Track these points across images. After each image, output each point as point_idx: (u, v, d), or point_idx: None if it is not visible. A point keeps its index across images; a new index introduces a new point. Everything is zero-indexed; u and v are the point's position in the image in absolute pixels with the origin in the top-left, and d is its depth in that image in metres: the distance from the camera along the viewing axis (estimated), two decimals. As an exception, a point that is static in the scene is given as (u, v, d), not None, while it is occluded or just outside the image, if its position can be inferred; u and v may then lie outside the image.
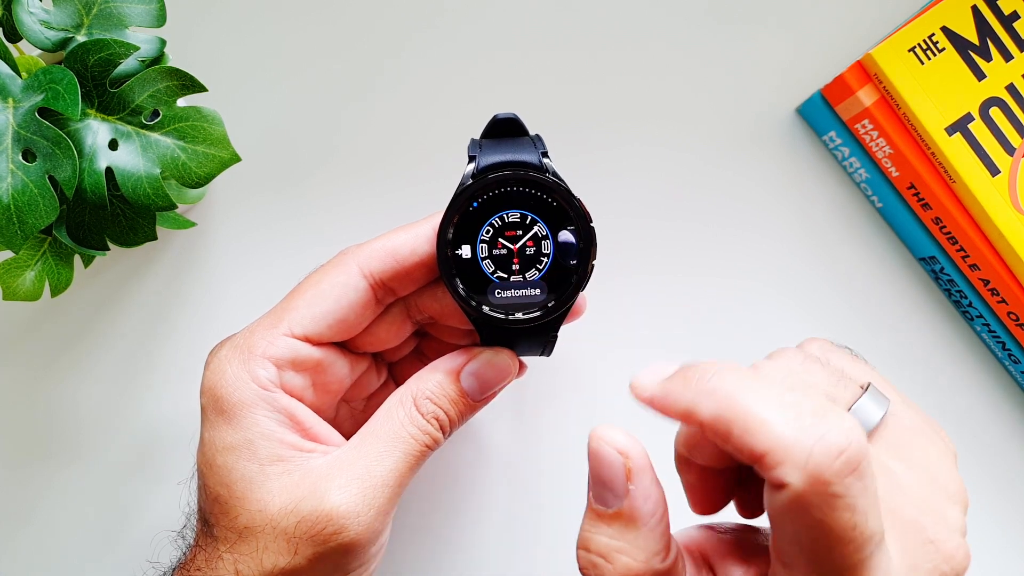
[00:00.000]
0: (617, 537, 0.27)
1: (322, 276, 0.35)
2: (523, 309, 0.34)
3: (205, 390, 0.34)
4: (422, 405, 0.34)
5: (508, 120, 0.34)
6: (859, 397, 0.28)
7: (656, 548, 0.27)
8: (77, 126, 0.34)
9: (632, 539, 0.26)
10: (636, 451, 0.27)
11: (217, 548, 0.32)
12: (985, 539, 0.47)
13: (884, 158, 0.45)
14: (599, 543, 0.27)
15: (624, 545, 0.26)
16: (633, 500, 0.27)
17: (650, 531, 0.27)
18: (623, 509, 0.27)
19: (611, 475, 0.27)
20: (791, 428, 0.23)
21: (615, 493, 0.27)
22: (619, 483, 0.27)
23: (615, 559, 0.26)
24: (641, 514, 0.27)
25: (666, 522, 0.27)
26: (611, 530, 0.27)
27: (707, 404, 0.25)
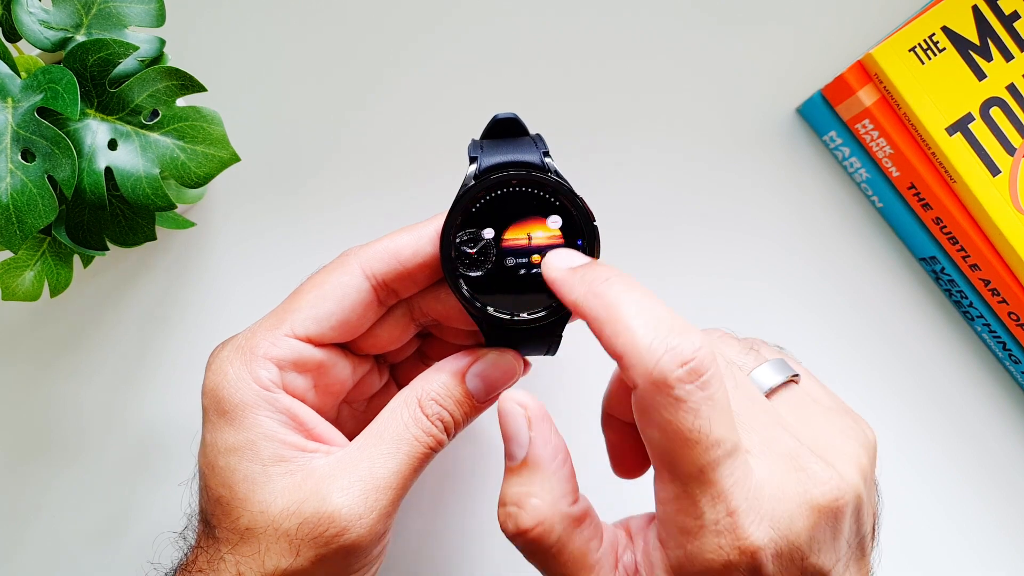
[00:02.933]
0: (525, 483, 0.29)
1: (325, 277, 0.35)
2: (528, 309, 0.34)
3: (207, 391, 0.34)
4: (427, 406, 0.34)
5: (508, 120, 0.34)
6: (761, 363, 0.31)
7: (562, 491, 0.29)
8: (76, 126, 0.34)
9: (539, 482, 0.29)
10: (533, 403, 0.30)
11: (219, 549, 0.32)
12: (985, 539, 0.47)
13: (884, 158, 0.45)
14: (511, 493, 0.29)
15: (532, 489, 0.29)
16: (534, 446, 0.29)
17: (554, 474, 0.29)
18: (528, 457, 0.29)
19: (515, 427, 0.30)
20: (649, 337, 0.27)
21: (520, 443, 0.30)
22: (522, 433, 0.30)
23: (525, 503, 0.29)
24: (543, 458, 0.29)
25: (569, 468, 0.30)
26: (520, 479, 0.29)
27: (591, 303, 0.29)
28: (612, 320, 0.28)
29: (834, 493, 0.27)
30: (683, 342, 0.27)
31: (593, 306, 0.29)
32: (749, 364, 0.31)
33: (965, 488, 0.47)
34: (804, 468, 0.28)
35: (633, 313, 0.28)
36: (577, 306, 0.29)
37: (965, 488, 0.47)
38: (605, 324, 0.28)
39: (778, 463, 0.28)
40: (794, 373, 0.31)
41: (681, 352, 0.26)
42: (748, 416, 0.28)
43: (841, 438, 0.30)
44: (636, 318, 0.27)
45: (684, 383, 0.26)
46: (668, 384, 0.26)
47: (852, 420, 0.31)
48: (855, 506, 0.28)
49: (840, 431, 0.30)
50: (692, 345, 0.27)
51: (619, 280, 0.29)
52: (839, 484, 0.28)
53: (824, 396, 0.32)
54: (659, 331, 0.27)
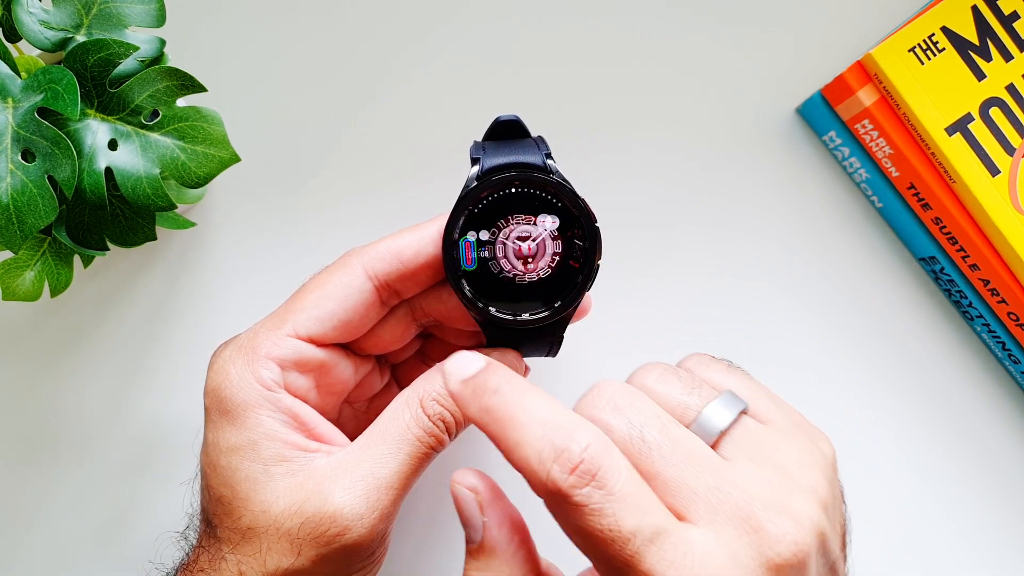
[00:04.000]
0: (483, 568, 0.29)
1: (327, 277, 0.35)
2: (529, 310, 0.34)
3: (209, 391, 0.34)
4: (428, 407, 0.34)
5: (510, 122, 0.34)
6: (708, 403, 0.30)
7: (520, 572, 0.29)
8: (76, 126, 0.34)
9: (497, 567, 0.29)
10: (483, 485, 0.30)
11: (220, 549, 0.32)
12: (985, 539, 0.47)
13: (884, 158, 0.45)
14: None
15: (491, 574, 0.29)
16: (488, 531, 0.29)
17: (511, 556, 0.29)
18: (483, 541, 0.29)
19: (468, 512, 0.30)
20: (536, 448, 0.27)
21: (475, 527, 0.29)
22: (475, 518, 0.29)
23: None
24: (498, 541, 0.29)
25: (527, 547, 0.30)
26: (479, 563, 0.29)
27: (484, 420, 0.28)
28: (504, 436, 0.27)
29: (792, 549, 0.26)
30: (570, 444, 0.26)
31: (485, 423, 0.28)
32: (694, 407, 0.30)
33: (965, 488, 0.47)
34: (757, 528, 0.26)
35: (521, 424, 0.27)
36: (474, 422, 0.29)
37: (965, 488, 0.47)
38: (499, 441, 0.28)
39: (728, 529, 0.26)
40: (743, 407, 0.30)
41: (569, 457, 0.26)
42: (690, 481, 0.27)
43: (798, 469, 0.28)
44: (523, 429, 0.27)
45: (578, 488, 0.26)
46: (564, 493, 0.26)
47: (807, 439, 0.30)
48: (819, 545, 0.27)
49: (797, 461, 0.29)
50: (579, 445, 0.26)
51: (508, 388, 0.28)
52: (797, 537, 0.26)
53: (776, 415, 0.31)
54: (545, 439, 0.26)
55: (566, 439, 0.26)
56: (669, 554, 0.26)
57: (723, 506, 0.27)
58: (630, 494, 0.26)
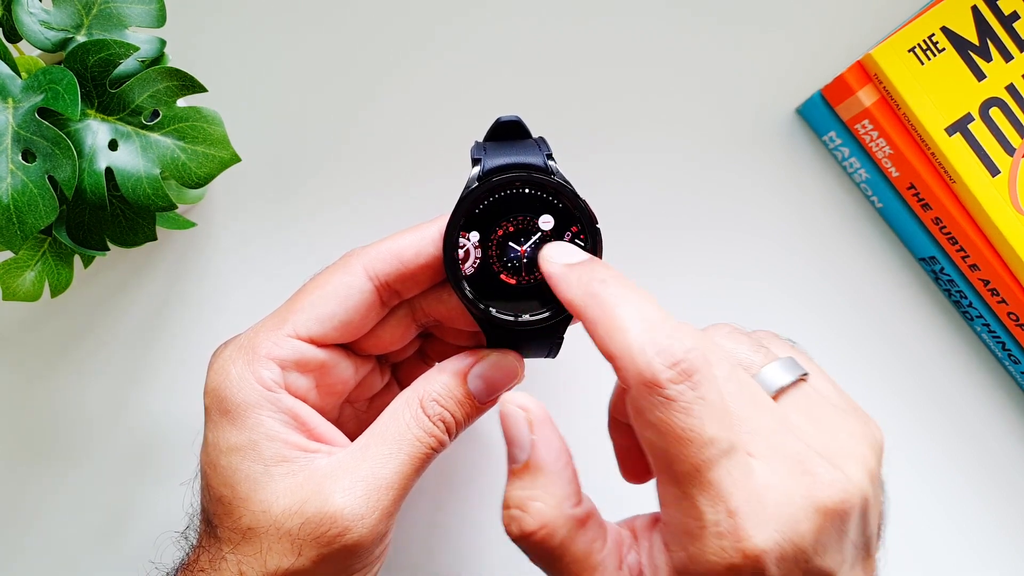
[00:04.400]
0: (528, 487, 0.29)
1: (327, 278, 0.35)
2: (530, 311, 0.34)
3: (209, 391, 0.34)
4: (428, 407, 0.34)
5: (512, 123, 0.34)
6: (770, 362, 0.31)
7: (565, 492, 0.29)
8: (77, 126, 0.34)
9: (542, 485, 0.29)
10: (535, 405, 0.30)
11: (220, 549, 0.32)
12: (985, 539, 0.47)
13: (884, 158, 0.45)
14: (515, 496, 0.29)
15: (535, 492, 0.29)
16: (536, 449, 0.29)
17: (556, 476, 0.29)
18: (530, 459, 0.29)
19: (517, 431, 0.30)
20: (641, 338, 0.27)
21: (521, 447, 0.29)
22: (524, 436, 0.29)
23: (529, 506, 0.29)
24: (545, 461, 0.29)
25: (572, 470, 0.30)
26: (523, 482, 0.29)
27: (587, 303, 0.29)
28: (606, 322, 0.28)
29: (840, 495, 0.27)
30: (674, 343, 0.27)
31: (588, 306, 0.29)
32: (757, 363, 0.31)
33: (965, 488, 0.47)
34: (810, 471, 0.27)
35: (627, 315, 0.28)
36: (572, 305, 0.30)
37: (965, 488, 0.47)
38: (599, 325, 0.28)
39: (782, 466, 0.27)
40: (803, 372, 0.31)
41: (672, 353, 0.27)
42: (752, 419, 0.28)
43: (849, 439, 0.29)
44: (629, 320, 0.28)
45: (675, 383, 0.26)
46: (659, 384, 0.26)
47: (861, 420, 0.31)
48: (861, 508, 0.28)
49: (848, 432, 0.30)
50: (683, 346, 0.27)
51: (615, 281, 0.29)
52: (845, 486, 0.27)
53: (834, 394, 0.32)
54: (651, 333, 0.27)
55: (671, 337, 0.27)
56: (736, 472, 0.27)
57: (781, 447, 0.28)
58: (718, 405, 0.27)
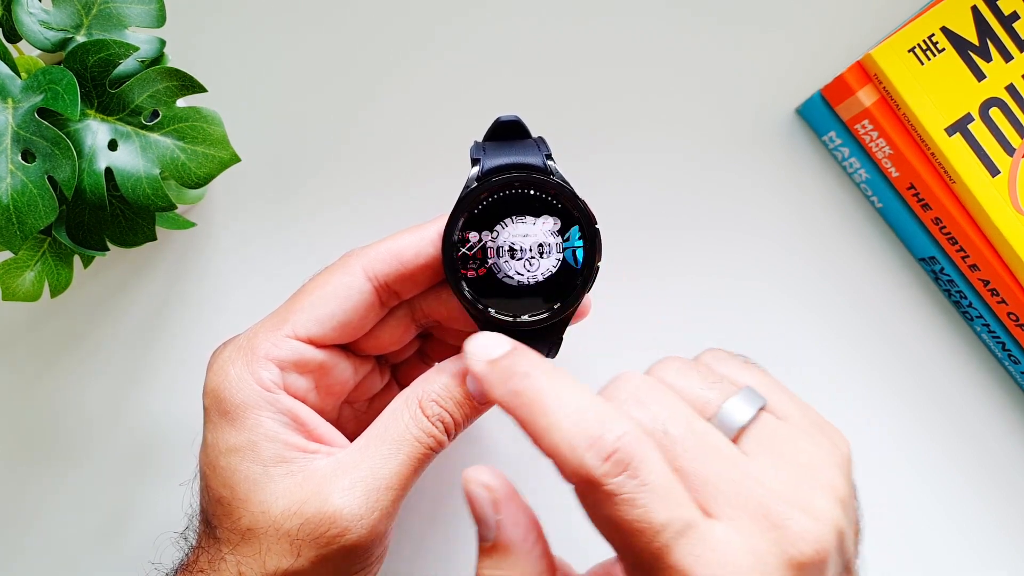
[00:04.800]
0: (497, 566, 0.29)
1: (326, 278, 0.35)
2: (529, 311, 0.34)
3: (208, 391, 0.34)
4: (427, 407, 0.34)
5: (511, 123, 0.34)
6: (728, 398, 0.30)
7: (534, 570, 0.29)
8: (76, 126, 0.34)
9: (510, 565, 0.28)
10: (498, 483, 0.29)
11: (220, 549, 0.32)
12: (985, 539, 0.47)
13: (884, 158, 0.45)
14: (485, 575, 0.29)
15: (504, 572, 0.28)
16: (502, 529, 0.29)
17: (526, 555, 0.29)
18: (496, 539, 0.29)
19: (482, 511, 0.29)
20: (570, 433, 0.26)
21: (488, 526, 0.29)
22: (490, 515, 0.29)
23: None
24: (512, 540, 0.29)
25: (542, 546, 0.29)
26: (492, 561, 0.29)
27: (512, 403, 0.28)
28: (533, 420, 0.27)
29: (815, 547, 0.26)
30: (605, 432, 0.26)
31: (514, 406, 0.28)
32: (714, 402, 0.30)
33: (965, 488, 0.47)
34: (779, 525, 0.26)
35: (553, 409, 0.27)
36: (500, 405, 0.29)
37: (965, 488, 0.47)
38: (528, 424, 0.27)
39: (750, 525, 0.26)
40: (762, 403, 0.30)
41: (603, 444, 0.26)
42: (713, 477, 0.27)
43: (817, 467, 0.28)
44: (556, 415, 0.27)
45: (611, 476, 0.26)
46: (596, 481, 0.26)
47: (824, 435, 0.30)
48: (838, 543, 0.27)
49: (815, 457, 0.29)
50: (614, 434, 0.26)
51: (538, 372, 0.28)
52: (819, 535, 0.26)
53: (794, 412, 0.31)
54: (580, 425, 0.26)
55: (600, 427, 0.26)
56: (697, 548, 0.26)
57: (746, 502, 0.27)
58: (662, 486, 0.26)
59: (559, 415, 0.27)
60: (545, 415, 0.27)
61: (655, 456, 0.26)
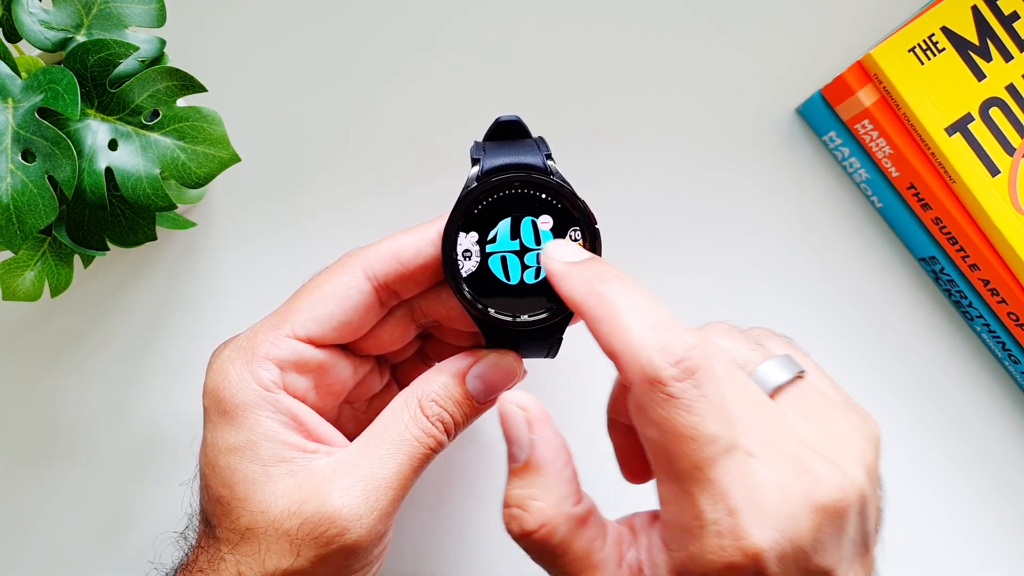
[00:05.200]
0: (528, 485, 0.29)
1: (326, 278, 0.35)
2: (529, 311, 0.34)
3: (208, 391, 0.34)
4: (427, 407, 0.34)
5: (511, 122, 0.34)
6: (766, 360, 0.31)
7: (565, 492, 0.29)
8: (77, 126, 0.34)
9: (542, 484, 0.29)
10: (534, 405, 0.30)
11: (219, 549, 0.32)
12: (985, 539, 0.47)
13: (884, 158, 0.45)
14: (514, 495, 0.29)
15: (535, 491, 0.29)
16: (535, 448, 0.29)
17: (556, 475, 0.29)
18: (529, 458, 0.29)
19: (516, 430, 0.29)
20: (643, 336, 0.27)
21: (521, 446, 0.29)
22: (523, 435, 0.29)
23: (529, 505, 0.29)
24: (545, 460, 0.29)
25: (571, 469, 0.30)
26: (523, 481, 0.29)
27: (590, 302, 0.29)
28: (609, 320, 0.28)
29: (838, 493, 0.27)
30: (677, 341, 0.27)
31: (591, 305, 0.29)
32: (754, 361, 0.31)
33: (965, 488, 0.47)
34: (807, 470, 0.27)
35: (630, 313, 0.28)
36: (574, 302, 0.30)
37: (965, 488, 0.47)
38: (602, 323, 0.28)
39: (781, 465, 0.27)
40: (800, 370, 0.31)
41: (674, 350, 0.27)
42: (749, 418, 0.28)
43: (847, 436, 0.30)
44: (632, 318, 0.28)
45: (677, 380, 0.26)
46: (661, 381, 0.26)
47: (858, 415, 0.31)
48: (859, 505, 0.28)
49: (846, 429, 0.30)
50: (685, 344, 0.27)
51: (618, 280, 0.29)
52: (843, 484, 0.27)
53: (831, 391, 0.32)
54: (654, 331, 0.27)
55: (674, 335, 0.27)
56: (736, 470, 0.27)
57: (777, 446, 0.28)
58: (720, 403, 0.27)
59: (635, 318, 0.28)
60: (622, 317, 0.28)
61: (718, 376, 0.27)
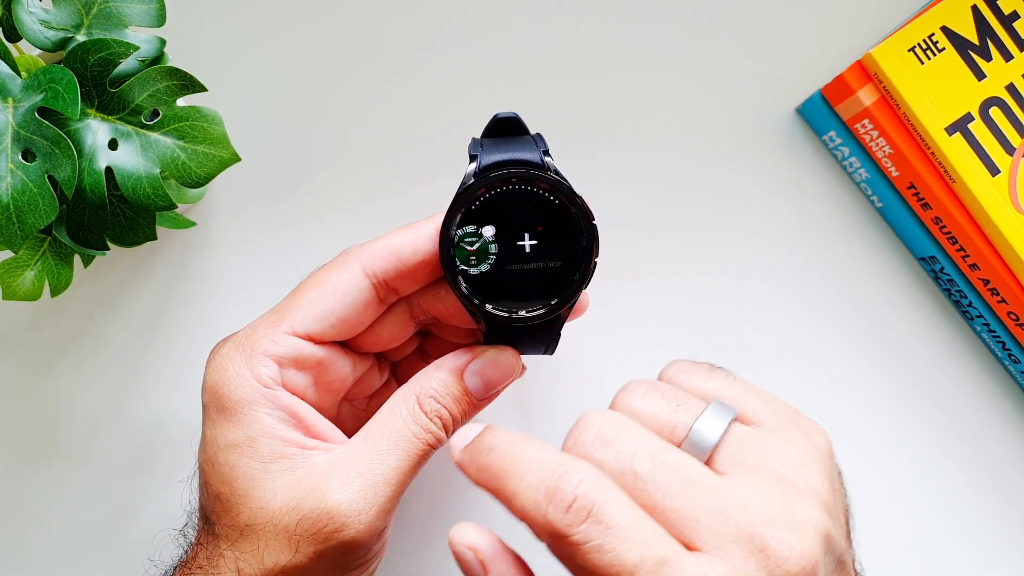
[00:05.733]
0: None
1: (325, 275, 0.35)
2: (526, 307, 0.34)
3: (207, 388, 0.34)
4: (425, 404, 0.34)
5: (509, 119, 0.34)
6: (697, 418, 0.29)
7: None
8: (77, 126, 0.34)
9: None
10: (485, 543, 0.29)
11: (219, 546, 0.32)
12: (985, 539, 0.47)
13: (884, 158, 0.45)
14: None
15: None
16: None
17: None
18: None
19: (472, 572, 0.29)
20: (530, 492, 0.27)
21: None
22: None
23: None
24: None
25: None
26: None
27: (483, 479, 0.29)
28: (501, 490, 0.28)
29: (801, 563, 0.26)
30: (562, 484, 0.26)
31: (484, 481, 0.29)
32: (684, 423, 0.29)
33: (965, 488, 0.47)
34: (762, 548, 0.26)
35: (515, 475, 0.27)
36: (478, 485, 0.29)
37: (965, 488, 0.47)
38: (498, 496, 0.28)
39: (733, 552, 0.26)
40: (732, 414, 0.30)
41: (563, 496, 0.26)
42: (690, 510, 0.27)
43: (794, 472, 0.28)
44: (517, 479, 0.27)
45: (575, 526, 0.26)
46: (562, 533, 0.26)
47: (800, 434, 0.30)
48: (825, 549, 0.27)
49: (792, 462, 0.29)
50: (571, 483, 0.26)
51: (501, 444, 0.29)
52: (804, 550, 0.26)
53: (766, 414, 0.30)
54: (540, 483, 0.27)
55: (559, 480, 0.26)
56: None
57: (726, 530, 0.26)
58: (629, 527, 0.26)
59: (523, 477, 0.27)
60: (511, 480, 0.28)
61: (617, 497, 0.26)
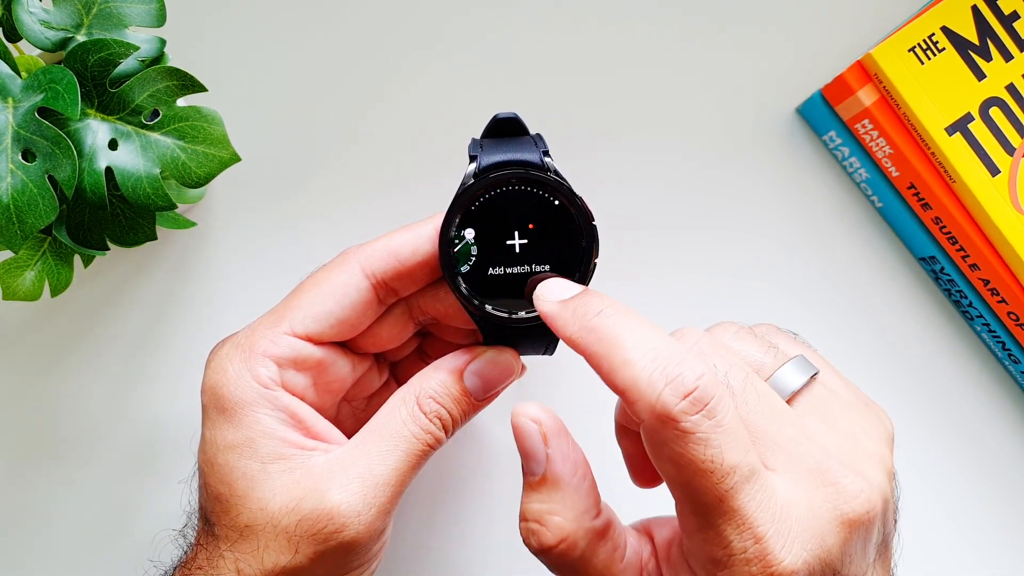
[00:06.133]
0: (546, 500, 0.29)
1: (324, 276, 0.35)
2: (526, 308, 0.34)
3: (206, 388, 0.34)
4: (425, 404, 0.34)
5: (509, 120, 0.34)
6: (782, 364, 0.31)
7: (584, 506, 0.29)
8: (77, 126, 0.34)
9: (560, 499, 0.29)
10: (548, 417, 0.29)
11: (218, 546, 0.32)
12: (985, 539, 0.47)
13: (884, 158, 0.45)
14: (532, 510, 0.29)
15: (554, 506, 0.29)
16: (552, 463, 0.29)
17: (574, 490, 0.29)
18: (547, 473, 0.29)
19: (531, 444, 0.29)
20: (648, 370, 0.26)
21: (537, 460, 0.29)
22: (539, 450, 0.29)
23: (548, 520, 0.28)
24: (563, 474, 0.29)
25: (590, 481, 0.29)
26: (541, 495, 0.29)
27: (587, 339, 0.28)
28: (608, 356, 0.27)
29: (865, 507, 0.27)
30: (684, 371, 0.26)
31: (588, 342, 0.28)
32: (769, 365, 0.30)
33: (965, 488, 0.47)
34: (832, 482, 0.27)
35: (629, 346, 0.27)
36: (572, 342, 0.29)
37: (965, 488, 0.47)
38: (602, 360, 0.27)
39: (805, 479, 0.27)
40: (815, 371, 0.31)
41: (683, 383, 0.26)
42: (772, 431, 0.28)
43: (866, 437, 0.29)
44: (633, 351, 0.27)
45: (689, 414, 0.26)
46: (673, 418, 0.26)
47: (872, 412, 0.31)
48: (883, 511, 0.28)
49: (864, 429, 0.30)
50: (693, 374, 0.26)
51: (612, 311, 0.28)
52: (869, 496, 0.27)
53: (843, 389, 0.31)
54: (658, 363, 0.26)
55: (679, 366, 0.26)
56: (760, 495, 0.26)
57: (803, 458, 0.27)
58: (735, 429, 0.26)
59: (636, 351, 0.27)
60: (622, 351, 0.27)
61: (730, 401, 0.27)
